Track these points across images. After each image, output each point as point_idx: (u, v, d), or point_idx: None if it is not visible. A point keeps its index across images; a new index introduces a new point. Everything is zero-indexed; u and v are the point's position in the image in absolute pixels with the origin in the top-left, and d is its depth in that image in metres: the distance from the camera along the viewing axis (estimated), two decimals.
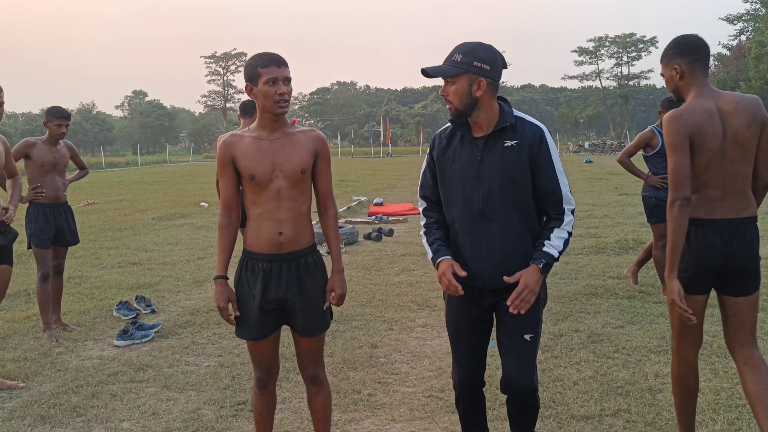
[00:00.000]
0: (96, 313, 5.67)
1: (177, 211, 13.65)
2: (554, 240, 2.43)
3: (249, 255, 2.63)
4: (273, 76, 2.47)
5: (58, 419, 3.50)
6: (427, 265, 7.59)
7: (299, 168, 2.58)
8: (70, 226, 5.33)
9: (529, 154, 2.43)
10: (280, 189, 2.57)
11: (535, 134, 2.45)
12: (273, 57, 2.51)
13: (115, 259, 8.33)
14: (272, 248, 2.58)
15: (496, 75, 2.43)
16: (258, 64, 2.49)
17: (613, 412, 3.42)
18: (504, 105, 2.50)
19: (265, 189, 2.57)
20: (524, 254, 2.46)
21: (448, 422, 3.37)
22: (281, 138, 2.59)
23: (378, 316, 5.38)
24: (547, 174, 2.45)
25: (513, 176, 2.43)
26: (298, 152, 2.59)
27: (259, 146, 2.57)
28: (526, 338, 2.49)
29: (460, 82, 2.42)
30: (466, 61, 2.39)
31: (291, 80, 2.55)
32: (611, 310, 5.35)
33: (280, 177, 2.56)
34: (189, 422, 3.42)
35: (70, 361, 4.47)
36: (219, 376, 4.08)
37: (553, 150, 2.46)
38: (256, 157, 2.56)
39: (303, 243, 2.63)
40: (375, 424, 3.39)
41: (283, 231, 2.57)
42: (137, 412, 3.57)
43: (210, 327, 5.19)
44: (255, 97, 2.54)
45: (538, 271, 2.41)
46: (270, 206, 2.57)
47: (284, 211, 2.58)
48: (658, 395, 3.62)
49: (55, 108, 5.16)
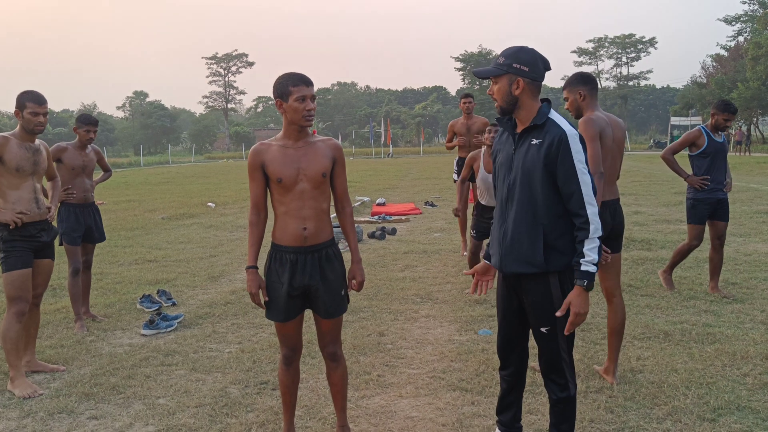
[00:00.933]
0: (120, 306, 6.07)
1: (185, 211, 14.05)
2: (588, 254, 2.61)
3: (277, 248, 3.03)
4: (302, 94, 2.88)
5: (101, 396, 3.91)
6: (429, 261, 8.00)
7: (320, 172, 2.99)
8: (98, 225, 5.75)
9: (546, 154, 2.64)
10: (303, 190, 2.97)
11: (556, 136, 2.64)
12: (303, 78, 2.91)
13: (132, 257, 8.73)
14: (297, 242, 2.98)
15: (535, 75, 2.69)
16: (289, 83, 2.89)
17: (597, 389, 3.82)
18: (543, 105, 2.75)
19: (291, 191, 2.97)
20: (531, 245, 2.70)
21: (450, 398, 3.77)
22: (304, 146, 3.00)
23: (384, 308, 5.79)
24: (567, 174, 2.62)
25: (530, 171, 2.68)
26: (319, 158, 2.99)
27: (285, 153, 2.98)
28: (543, 331, 2.80)
29: (501, 82, 2.72)
30: (507, 63, 2.69)
31: (315, 98, 2.97)
32: (600, 302, 5.74)
33: (304, 180, 2.96)
34: (218, 398, 3.83)
35: (103, 348, 4.87)
36: (241, 359, 4.48)
37: (575, 151, 2.62)
38: (282, 163, 2.96)
39: (324, 237, 3.03)
40: (384, 399, 3.80)
41: (307, 227, 2.97)
42: (171, 390, 3.98)
43: (228, 318, 5.59)
44: (284, 112, 2.94)
45: (583, 291, 2.63)
46: (295, 205, 2.98)
47: (307, 210, 2.98)
48: (638, 375, 4.02)
49: (84, 115, 5.59)
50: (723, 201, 5.86)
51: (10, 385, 4.02)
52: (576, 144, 2.65)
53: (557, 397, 2.83)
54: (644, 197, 14.76)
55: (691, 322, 5.08)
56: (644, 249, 8.22)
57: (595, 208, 2.63)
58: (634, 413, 3.49)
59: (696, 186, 5.83)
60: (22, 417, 3.65)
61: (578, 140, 2.67)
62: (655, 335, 4.76)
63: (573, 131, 2.68)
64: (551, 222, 2.70)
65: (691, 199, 5.89)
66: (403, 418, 3.53)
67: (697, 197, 5.83)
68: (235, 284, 6.91)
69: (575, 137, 2.66)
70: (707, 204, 5.83)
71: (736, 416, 3.42)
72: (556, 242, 2.71)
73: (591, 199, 2.63)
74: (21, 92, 4.20)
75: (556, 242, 2.71)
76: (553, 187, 2.68)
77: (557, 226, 2.70)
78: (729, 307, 5.49)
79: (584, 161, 2.65)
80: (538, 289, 2.76)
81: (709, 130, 5.81)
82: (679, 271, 6.88)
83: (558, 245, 2.71)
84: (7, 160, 4.05)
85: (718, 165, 5.80)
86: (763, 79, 43.21)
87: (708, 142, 5.76)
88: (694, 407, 3.52)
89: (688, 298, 5.81)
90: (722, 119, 5.73)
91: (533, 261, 2.72)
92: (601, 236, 2.63)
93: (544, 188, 2.69)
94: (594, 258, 2.61)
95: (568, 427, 2.83)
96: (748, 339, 4.60)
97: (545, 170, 2.67)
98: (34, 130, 4.18)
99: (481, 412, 3.57)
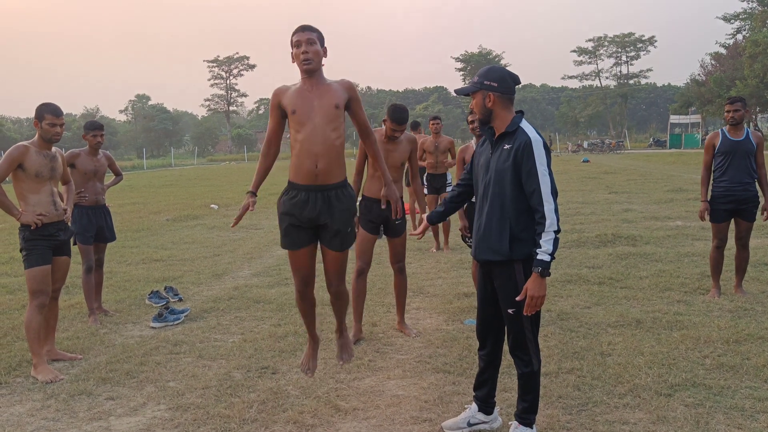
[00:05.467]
0: (130, 302, 6.46)
1: (189, 213, 14.43)
2: (544, 245, 2.96)
3: (291, 185, 3.36)
4: (297, 39, 3.26)
5: (116, 380, 4.30)
6: (422, 258, 8.38)
7: (333, 103, 3.28)
8: (109, 225, 6.14)
9: (514, 157, 3.05)
10: (316, 125, 3.25)
11: (523, 141, 3.03)
12: (301, 25, 3.28)
13: (139, 257, 9.12)
14: (309, 179, 3.28)
15: (503, 90, 3.13)
16: (292, 34, 3.27)
17: (568, 370, 4.19)
18: (516, 116, 3.16)
19: (304, 124, 3.25)
20: (499, 236, 3.12)
21: (434, 379, 4.15)
22: (318, 86, 3.31)
23: (378, 301, 6.16)
24: (529, 174, 3.00)
25: (501, 172, 3.10)
26: (331, 92, 3.31)
27: (300, 91, 3.32)
28: (509, 312, 3.17)
29: (477, 97, 3.18)
30: (479, 81, 3.16)
31: (315, 42, 3.25)
32: (581, 294, 6.12)
33: (318, 114, 3.25)
34: (222, 381, 4.21)
35: (116, 339, 5.25)
36: (244, 348, 4.86)
37: (538, 155, 2.99)
38: (298, 97, 3.30)
39: (335, 178, 3.33)
40: (374, 381, 4.17)
41: (319, 164, 3.26)
42: (180, 375, 4.36)
43: (232, 311, 5.97)
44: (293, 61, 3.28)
45: (538, 277, 2.98)
46: (308, 141, 3.25)
47: (320, 146, 3.26)
48: (607, 358, 4.39)
49: (89, 122, 6.01)
50: (746, 200, 5.78)
51: (33, 371, 4.40)
52: (539, 149, 3.04)
53: (522, 372, 3.21)
54: (636, 195, 15.10)
55: (663, 311, 5.44)
56: (629, 245, 8.57)
57: (551, 205, 2.99)
58: (599, 390, 3.86)
59: (700, 215, 5.93)
60: (45, 399, 4.03)
61: (542, 146, 3.06)
62: (628, 323, 5.12)
63: (538, 138, 3.08)
64: (516, 216, 3.09)
65: (712, 197, 5.90)
66: (390, 396, 3.91)
67: (714, 194, 5.83)
68: (238, 281, 7.29)
69: (539, 143, 3.06)
70: (723, 202, 5.80)
71: (691, 392, 3.79)
72: (521, 234, 3.09)
73: (548, 197, 3.00)
74: (40, 104, 4.59)
75: (521, 234, 3.09)
76: (520, 186, 3.07)
77: (522, 220, 3.09)
78: (701, 298, 5.85)
79: (545, 164, 3.03)
80: (504, 275, 3.15)
81: (726, 129, 5.88)
82: (659, 265, 7.25)
83: (522, 237, 3.09)
84: (28, 167, 4.44)
85: (737, 163, 5.74)
86: (760, 77, 43.50)
87: (722, 140, 5.81)
88: (654, 384, 3.89)
89: (664, 290, 6.17)
90: (724, 112, 5.90)
91: (500, 250, 3.11)
92: (557, 230, 2.99)
93: (512, 187, 3.08)
94: (549, 249, 2.97)
95: (532, 398, 3.21)
96: (713, 326, 4.96)
97: (513, 171, 3.07)
98: (52, 140, 4.57)
99: (461, 390, 3.95)
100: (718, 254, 5.94)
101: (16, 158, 4.42)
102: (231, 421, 3.60)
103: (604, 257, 7.78)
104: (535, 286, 3.00)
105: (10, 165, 4.43)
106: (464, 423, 3.43)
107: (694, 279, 6.50)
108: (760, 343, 4.54)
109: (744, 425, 3.37)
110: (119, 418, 3.73)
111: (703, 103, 49.95)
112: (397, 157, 4.96)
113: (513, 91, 3.18)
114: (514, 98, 3.21)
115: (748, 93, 43.35)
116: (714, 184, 5.91)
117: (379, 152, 3.62)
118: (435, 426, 3.51)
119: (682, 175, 20.94)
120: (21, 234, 4.52)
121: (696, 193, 13.83)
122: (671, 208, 12.36)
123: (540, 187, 3.00)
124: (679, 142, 52.58)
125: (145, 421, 3.68)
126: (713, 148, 5.87)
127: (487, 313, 3.35)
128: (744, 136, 5.78)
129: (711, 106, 48.66)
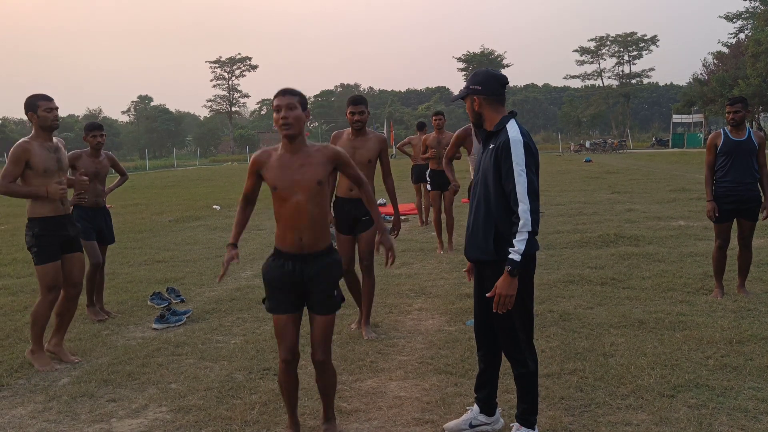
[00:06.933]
0: (132, 303, 6.46)
1: (191, 214, 14.44)
2: (516, 245, 2.98)
3: (277, 252, 3.29)
4: (277, 104, 3.15)
5: (118, 382, 4.30)
6: (425, 259, 8.37)
7: (315, 180, 3.16)
8: (109, 227, 6.16)
9: (495, 157, 3.09)
10: (299, 202, 3.15)
11: (503, 141, 3.06)
12: (282, 89, 3.17)
13: (141, 258, 9.12)
14: (294, 249, 3.22)
15: (488, 92, 3.18)
16: (275, 97, 3.20)
17: (570, 371, 4.18)
18: (504, 117, 3.16)
19: (287, 201, 3.16)
20: (485, 236, 3.14)
21: (435, 380, 4.14)
22: (301, 156, 3.17)
23: (380, 302, 6.15)
24: (507, 174, 3.02)
25: (487, 171, 3.17)
26: (313, 167, 3.17)
27: (282, 162, 3.18)
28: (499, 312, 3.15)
29: (467, 102, 3.27)
30: (466, 86, 3.25)
31: (296, 107, 3.13)
32: (584, 295, 6.10)
33: (299, 191, 3.14)
34: (224, 383, 4.20)
35: (118, 341, 5.25)
36: (245, 349, 4.86)
37: (516, 155, 3.00)
38: (279, 172, 3.16)
39: (321, 246, 3.25)
40: (376, 382, 4.16)
41: (303, 237, 3.20)
42: (181, 377, 4.36)
43: (234, 313, 5.97)
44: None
45: (508, 276, 3.00)
46: (291, 216, 3.16)
47: (303, 221, 3.17)
48: (610, 359, 4.37)
49: (89, 123, 6.04)
50: (749, 200, 5.77)
51: (28, 353, 4.45)
52: (518, 148, 3.03)
53: (517, 372, 3.22)
54: (639, 195, 15.08)
55: (666, 311, 5.42)
56: (632, 245, 8.55)
57: (526, 206, 2.97)
58: (602, 391, 3.85)
59: (708, 215, 5.90)
60: (47, 401, 4.03)
61: (521, 146, 3.04)
62: (631, 323, 5.11)
63: (517, 138, 3.05)
64: (501, 216, 3.11)
65: (715, 197, 5.87)
66: (392, 398, 3.90)
67: (717, 194, 5.83)
68: (240, 282, 7.29)
69: (518, 143, 3.04)
70: (726, 202, 5.78)
71: (693, 392, 3.77)
72: (506, 233, 3.08)
73: (524, 197, 2.99)
74: (28, 97, 4.49)
75: (506, 233, 3.08)
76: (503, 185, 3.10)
77: (506, 219, 3.09)
78: (704, 298, 5.84)
79: (523, 164, 3.01)
80: (493, 275, 3.14)
81: (728, 129, 5.87)
82: (662, 265, 7.23)
83: (507, 236, 3.07)
84: (35, 164, 4.41)
85: (739, 164, 5.73)
86: (763, 76, 43.37)
87: (724, 140, 5.79)
88: (656, 385, 3.87)
89: (667, 290, 6.15)
90: (725, 113, 5.90)
91: (485, 249, 3.15)
92: (531, 231, 2.98)
93: (496, 186, 3.11)
94: (520, 249, 2.97)
95: (531, 399, 3.20)
96: (717, 326, 4.95)
97: (495, 170, 3.11)
98: (52, 126, 4.50)
99: (463, 392, 3.94)
100: (720, 254, 5.93)
101: (21, 157, 4.40)
102: (233, 422, 3.60)
103: (607, 257, 7.77)
104: (505, 285, 3.01)
105: (18, 164, 4.41)
106: (466, 424, 3.43)
107: (696, 279, 6.48)
108: (763, 344, 4.52)
109: (747, 426, 3.36)
110: (121, 420, 3.73)
111: (705, 102, 49.81)
112: (365, 154, 5.05)
113: (499, 92, 3.21)
114: (503, 99, 3.25)
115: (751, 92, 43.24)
116: (716, 184, 5.89)
117: (371, 193, 3.58)
118: (437, 427, 3.50)
119: (685, 174, 20.89)
120: (30, 231, 4.52)
121: (699, 193, 13.81)
122: (674, 208, 12.34)
123: (516, 187, 3.01)
124: (682, 141, 52.52)
125: (146, 423, 3.68)
126: (715, 147, 5.85)
127: (484, 314, 3.35)
128: (746, 136, 5.76)
129: (713, 106, 48.52)
